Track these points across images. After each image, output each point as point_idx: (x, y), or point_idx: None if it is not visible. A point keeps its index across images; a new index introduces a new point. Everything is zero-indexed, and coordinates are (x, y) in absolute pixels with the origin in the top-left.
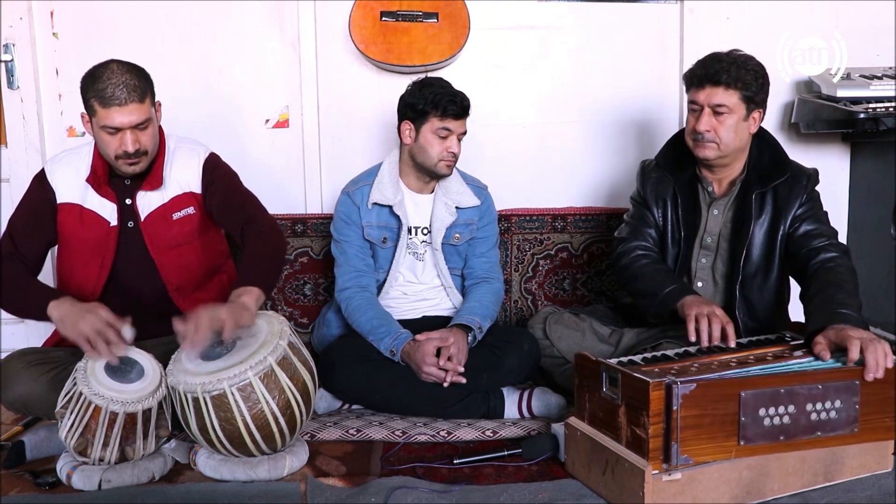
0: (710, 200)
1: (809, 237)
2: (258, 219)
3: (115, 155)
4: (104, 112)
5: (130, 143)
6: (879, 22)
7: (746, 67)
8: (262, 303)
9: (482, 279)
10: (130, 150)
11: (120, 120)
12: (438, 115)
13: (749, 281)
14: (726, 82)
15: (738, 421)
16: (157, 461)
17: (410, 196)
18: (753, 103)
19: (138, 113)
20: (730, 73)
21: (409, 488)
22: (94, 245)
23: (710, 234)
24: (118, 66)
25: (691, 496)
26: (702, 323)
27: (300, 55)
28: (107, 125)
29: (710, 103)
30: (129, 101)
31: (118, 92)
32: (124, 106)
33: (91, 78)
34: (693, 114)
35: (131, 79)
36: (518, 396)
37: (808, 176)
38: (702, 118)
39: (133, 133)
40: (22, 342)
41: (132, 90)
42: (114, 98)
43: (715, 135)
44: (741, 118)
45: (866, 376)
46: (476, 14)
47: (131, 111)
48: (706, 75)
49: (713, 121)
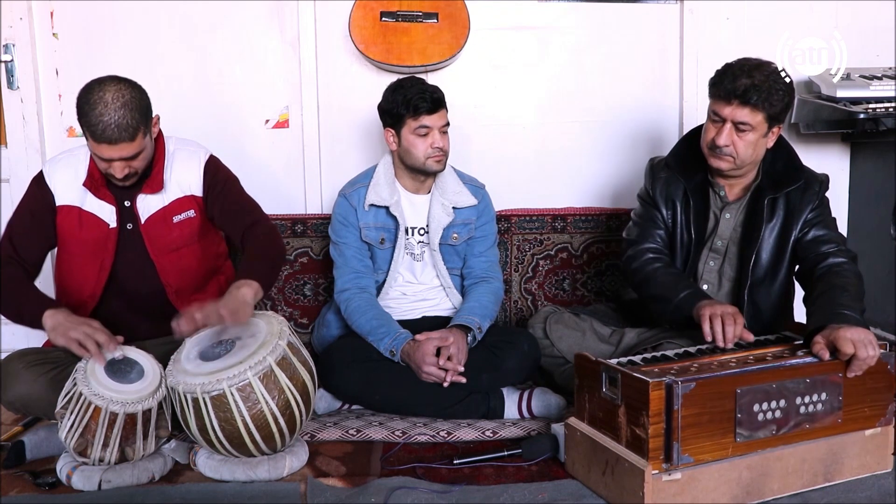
0: (722, 205)
1: (818, 242)
2: (258, 224)
3: (104, 174)
4: (94, 144)
5: (119, 171)
6: (879, 22)
7: (777, 87)
8: (259, 299)
9: (481, 279)
10: (119, 176)
11: (109, 155)
12: (412, 115)
13: (757, 285)
14: (755, 103)
15: (734, 418)
16: (157, 461)
17: (407, 196)
18: (776, 121)
19: (129, 149)
20: (760, 94)
21: (409, 488)
22: (93, 247)
23: (720, 237)
24: (112, 98)
25: (691, 496)
26: (716, 323)
27: (300, 55)
28: (97, 155)
29: (734, 119)
30: (120, 141)
31: (108, 132)
32: (114, 145)
33: (85, 104)
34: (714, 124)
35: (123, 117)
36: (518, 397)
37: (820, 182)
38: (723, 132)
39: (122, 163)
40: (22, 342)
41: (123, 130)
42: (104, 136)
43: (734, 149)
44: (762, 135)
45: (848, 374)
46: (476, 14)
47: (121, 149)
48: (735, 92)
49: (734, 136)
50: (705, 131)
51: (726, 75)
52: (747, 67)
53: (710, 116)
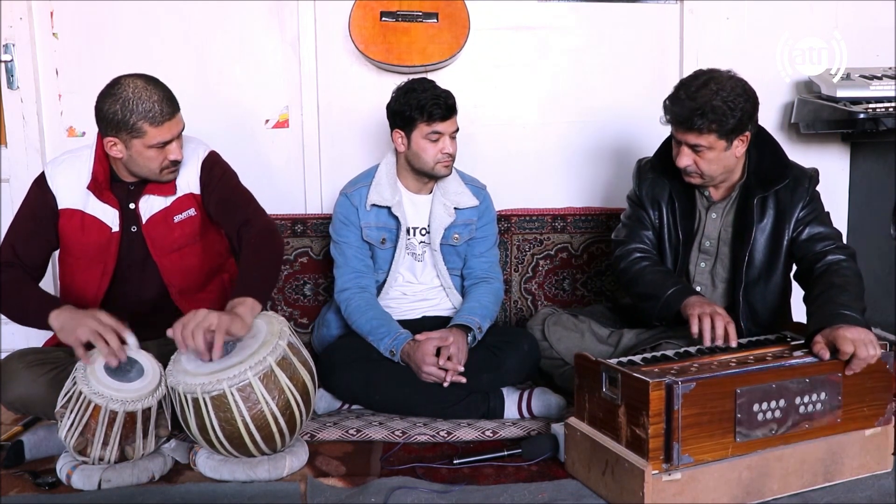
0: (707, 205)
1: (814, 240)
2: (254, 221)
3: (160, 168)
4: (156, 130)
5: (177, 151)
6: (879, 22)
7: (726, 105)
8: (258, 311)
9: (481, 279)
10: (179, 158)
11: (171, 132)
12: (425, 120)
13: (752, 286)
14: (699, 128)
15: (734, 418)
16: (157, 461)
17: (409, 197)
18: (734, 133)
19: (180, 123)
20: (705, 118)
21: (409, 488)
22: (95, 251)
23: (708, 238)
24: (143, 84)
25: (691, 496)
26: (704, 322)
27: (300, 55)
28: (159, 141)
29: (686, 142)
30: (175, 113)
31: (165, 108)
32: (172, 119)
33: (126, 103)
34: (676, 145)
35: (163, 90)
36: (518, 396)
37: (809, 178)
38: (682, 155)
39: (177, 142)
40: (22, 342)
41: (172, 102)
42: (164, 114)
43: (696, 168)
44: (722, 150)
45: (847, 371)
46: (476, 14)
47: (178, 121)
48: (678, 117)
49: (693, 156)
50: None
51: (675, 99)
52: (693, 89)
53: (673, 138)
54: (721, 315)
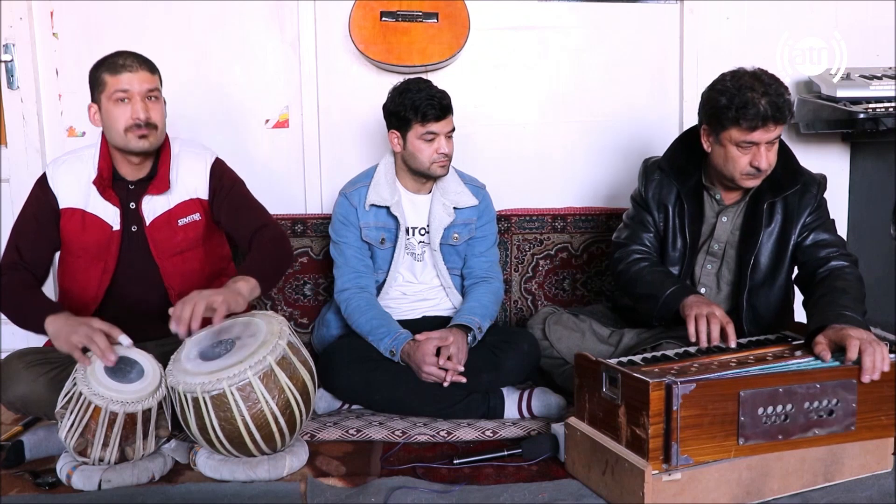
0: (719, 209)
1: (819, 246)
2: (270, 227)
3: (125, 127)
4: (114, 79)
5: (141, 109)
6: (879, 22)
7: (785, 89)
8: (256, 295)
9: (481, 279)
10: (142, 116)
11: (130, 82)
12: (420, 121)
13: (756, 289)
14: (786, 117)
15: (737, 420)
16: (157, 461)
17: (408, 196)
18: None
19: (149, 81)
20: (788, 106)
21: (409, 488)
22: (96, 250)
23: (717, 241)
24: (129, 52)
25: (691, 496)
26: (701, 323)
27: (300, 55)
28: (118, 89)
29: (768, 140)
30: (140, 69)
31: (129, 61)
32: (135, 72)
33: (101, 60)
34: (743, 151)
35: (140, 57)
36: (518, 396)
37: (818, 184)
38: (764, 155)
39: (143, 101)
40: (22, 342)
41: (143, 61)
42: (125, 66)
43: (769, 165)
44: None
45: (863, 378)
46: (476, 14)
47: (142, 78)
48: (766, 115)
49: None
50: (734, 160)
51: (748, 103)
52: (762, 85)
53: (736, 144)
54: (718, 316)
